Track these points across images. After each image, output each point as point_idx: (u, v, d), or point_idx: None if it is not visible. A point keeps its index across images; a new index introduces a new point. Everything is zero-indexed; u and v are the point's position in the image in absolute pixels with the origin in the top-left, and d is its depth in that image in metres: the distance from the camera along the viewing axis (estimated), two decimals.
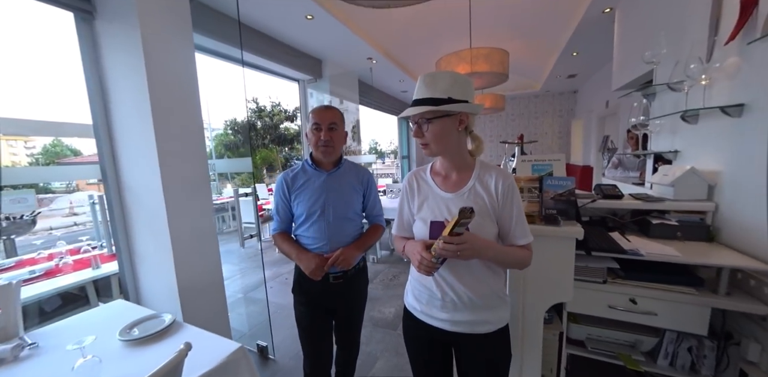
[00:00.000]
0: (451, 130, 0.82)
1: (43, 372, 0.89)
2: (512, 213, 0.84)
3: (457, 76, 0.81)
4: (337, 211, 1.17)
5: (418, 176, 0.97)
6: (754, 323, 1.11)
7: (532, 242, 0.86)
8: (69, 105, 16.46)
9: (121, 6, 1.52)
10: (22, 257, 2.07)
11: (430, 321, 0.91)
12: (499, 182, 0.84)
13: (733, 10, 1.18)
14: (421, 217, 0.89)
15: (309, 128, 1.18)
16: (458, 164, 0.89)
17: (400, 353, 1.89)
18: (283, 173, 1.24)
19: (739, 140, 1.21)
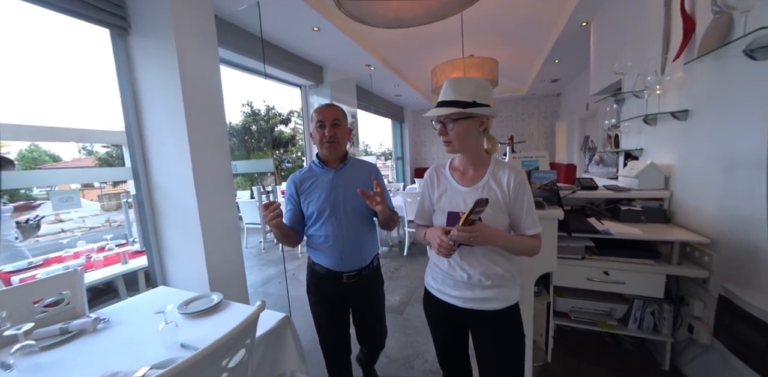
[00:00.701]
0: (472, 130, 0.90)
1: (133, 335, 1.08)
2: (523, 206, 0.91)
3: (482, 82, 0.90)
4: (348, 206, 1.17)
5: (438, 171, 1.05)
6: (698, 285, 1.38)
7: (540, 232, 0.93)
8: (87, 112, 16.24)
9: (156, 24, 1.70)
10: (49, 256, 2.19)
11: (444, 298, 1.00)
12: (511, 178, 0.91)
13: (679, 33, 1.45)
14: (440, 207, 0.98)
15: (313, 127, 1.18)
16: (475, 161, 0.96)
17: (408, 333, 2.10)
18: (293, 175, 1.24)
19: (686, 139, 1.49)
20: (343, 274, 1.18)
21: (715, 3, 1.22)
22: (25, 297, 1.14)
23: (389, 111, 6.44)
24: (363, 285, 1.22)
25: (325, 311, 1.25)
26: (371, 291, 1.27)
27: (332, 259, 1.18)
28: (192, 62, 1.76)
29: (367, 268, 1.22)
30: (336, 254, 1.17)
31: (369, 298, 1.27)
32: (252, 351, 0.87)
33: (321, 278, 1.21)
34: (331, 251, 1.17)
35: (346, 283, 1.19)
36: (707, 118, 1.35)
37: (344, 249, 1.17)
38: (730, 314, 1.21)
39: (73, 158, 18.04)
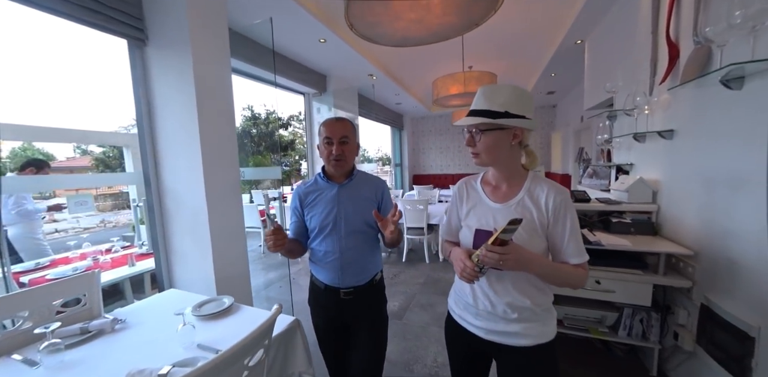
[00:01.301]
0: (503, 143, 0.82)
1: (150, 335, 1.13)
2: (565, 230, 0.80)
3: (518, 90, 0.80)
4: (349, 224, 1.13)
5: (468, 184, 0.98)
6: (682, 295, 1.47)
7: (587, 261, 0.81)
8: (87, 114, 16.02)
9: (174, 36, 1.78)
10: (55, 257, 2.23)
11: (466, 326, 0.92)
12: (551, 196, 0.81)
13: (665, 58, 1.57)
14: (468, 224, 0.91)
15: (320, 141, 1.14)
16: (509, 176, 0.88)
17: (408, 338, 2.16)
18: (297, 187, 1.22)
19: (671, 156, 1.59)
20: (341, 290, 1.14)
21: (696, 34, 1.33)
22: (46, 298, 1.19)
23: (389, 118, 6.56)
24: (361, 302, 1.17)
25: (323, 325, 1.23)
26: (370, 310, 1.20)
27: (331, 275, 1.15)
28: (206, 73, 1.84)
29: (367, 285, 1.17)
30: (335, 270, 1.14)
31: (367, 317, 1.19)
32: (268, 352, 0.93)
33: (319, 292, 1.19)
34: (330, 266, 1.14)
35: (344, 299, 1.15)
36: (690, 138, 1.45)
37: (343, 266, 1.13)
38: (710, 322, 1.29)
39: (67, 157, 17.88)
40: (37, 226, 2.42)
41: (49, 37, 16.28)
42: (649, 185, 1.73)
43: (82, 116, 14.98)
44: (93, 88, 21.09)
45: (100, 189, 15.85)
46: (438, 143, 7.92)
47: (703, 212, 1.37)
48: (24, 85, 14.98)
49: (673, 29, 1.52)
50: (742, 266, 1.16)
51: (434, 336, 2.15)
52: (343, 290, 1.14)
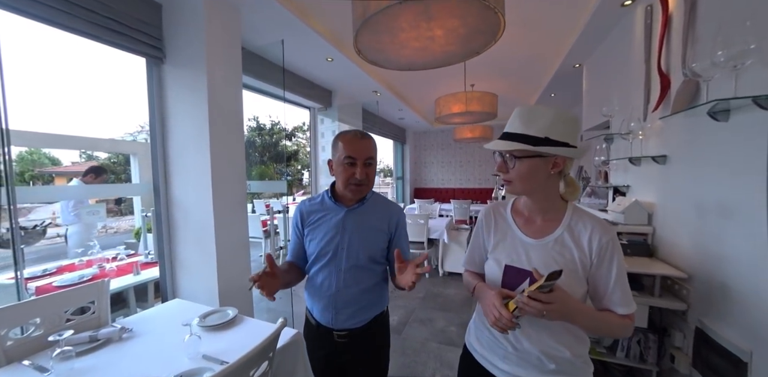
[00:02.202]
0: (540, 172, 0.72)
1: (156, 345, 1.16)
2: (610, 275, 0.71)
3: (561, 114, 0.71)
4: (351, 257, 0.98)
5: (496, 212, 0.87)
6: (678, 317, 1.49)
7: (634, 312, 0.73)
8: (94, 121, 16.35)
9: (190, 55, 1.89)
10: (62, 263, 2.27)
11: (489, 368, 0.82)
12: (596, 236, 0.72)
13: (657, 86, 1.65)
14: (495, 258, 0.82)
15: (338, 159, 0.96)
16: (545, 208, 0.78)
17: (407, 353, 2.16)
18: (302, 202, 1.08)
19: (664, 181, 1.65)
20: (333, 332, 1.01)
21: (685, 67, 1.42)
22: (57, 306, 1.23)
23: (392, 132, 6.70)
24: (358, 346, 1.02)
25: (317, 365, 1.09)
26: (369, 355, 1.05)
27: (324, 313, 1.01)
28: (219, 90, 1.93)
29: (366, 327, 1.01)
30: (328, 309, 1.00)
31: (365, 362, 1.05)
32: (273, 364, 0.96)
33: (312, 329, 1.06)
34: (324, 302, 1.00)
35: (338, 342, 1.01)
36: (681, 165, 1.51)
37: (337, 306, 0.99)
38: (705, 345, 1.31)
39: (72, 162, 18.07)
40: (92, 227, 2.81)
41: (58, 49, 17.11)
42: (645, 207, 1.78)
43: (88, 123, 15.37)
44: (99, 97, 21.81)
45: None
46: (440, 157, 8.03)
47: (695, 236, 1.41)
48: (31, 92, 15.43)
49: (664, 61, 1.61)
50: (734, 291, 1.19)
51: (433, 352, 2.15)
52: (336, 332, 1.00)
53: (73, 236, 2.67)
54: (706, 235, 1.34)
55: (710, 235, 1.32)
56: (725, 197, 1.23)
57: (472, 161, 7.67)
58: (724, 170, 1.24)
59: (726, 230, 1.23)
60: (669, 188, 1.62)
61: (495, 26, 1.21)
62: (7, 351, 1.07)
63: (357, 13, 1.14)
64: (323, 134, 4.27)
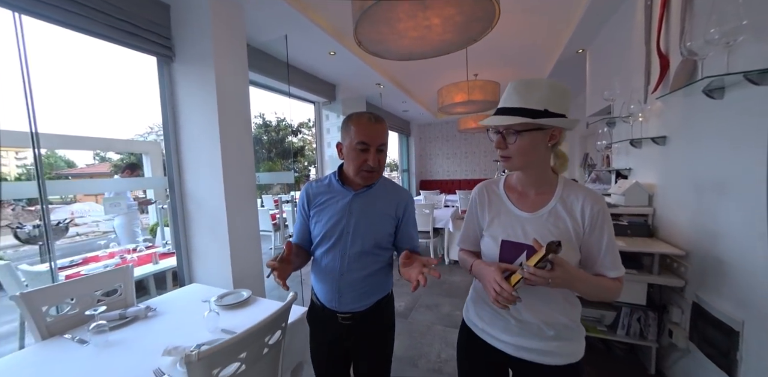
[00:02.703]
0: (540, 145, 0.73)
1: (179, 321, 1.27)
2: (602, 241, 0.74)
3: (556, 85, 0.72)
4: (356, 242, 0.96)
5: (489, 189, 0.89)
6: (676, 293, 1.53)
7: (623, 275, 0.76)
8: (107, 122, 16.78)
9: (198, 53, 1.96)
10: (87, 255, 2.41)
11: (491, 341, 0.84)
12: (588, 205, 0.74)
13: (657, 67, 1.66)
14: (491, 234, 0.83)
15: (349, 144, 0.93)
16: (538, 181, 0.80)
17: (413, 336, 2.24)
18: (308, 183, 1.07)
19: (664, 161, 1.67)
20: (337, 314, 1.00)
21: (682, 47, 1.43)
22: (89, 287, 1.34)
23: (396, 125, 6.72)
24: (363, 329, 1.02)
25: (321, 348, 1.08)
26: (373, 338, 1.04)
27: (329, 294, 1.01)
28: (227, 86, 2.01)
29: (370, 310, 1.01)
30: (332, 291, 0.99)
31: (369, 345, 1.04)
32: (285, 334, 1.04)
33: (317, 311, 1.05)
34: (329, 283, 1.00)
35: (342, 324, 1.01)
36: (680, 144, 1.53)
37: (341, 289, 0.98)
38: (702, 319, 1.35)
39: (86, 164, 18.51)
40: (134, 217, 3.13)
41: (66, 52, 17.41)
42: (645, 188, 1.80)
43: (99, 125, 15.87)
44: (109, 99, 22.37)
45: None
46: (445, 149, 8.02)
47: (692, 214, 1.44)
48: (45, 95, 15.87)
49: (663, 41, 1.61)
50: (727, 265, 1.23)
51: (438, 335, 2.23)
52: (340, 314, 1.00)
53: (119, 227, 3.10)
54: (703, 212, 1.37)
55: (707, 212, 1.34)
56: (721, 174, 1.26)
57: (477, 152, 7.65)
58: (720, 148, 1.26)
59: (721, 206, 1.26)
60: (669, 168, 1.64)
61: (491, 13, 1.25)
62: (49, 327, 1.18)
63: (356, 5, 1.19)
64: (329, 130, 4.33)
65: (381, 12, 1.25)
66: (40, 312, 1.18)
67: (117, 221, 3.11)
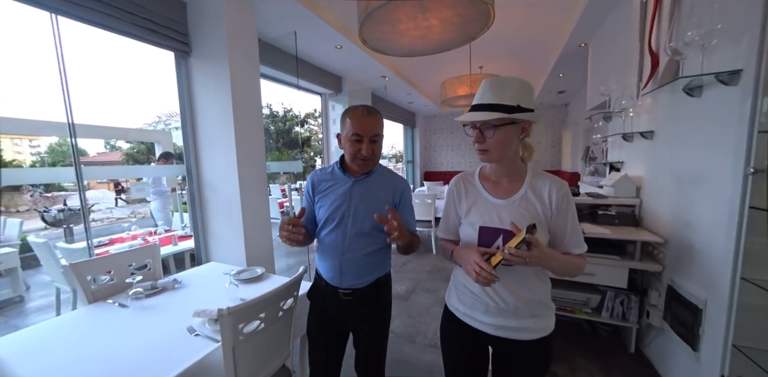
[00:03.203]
0: (513, 137, 0.81)
1: (202, 291, 1.44)
2: (566, 222, 0.82)
3: (525, 83, 0.80)
4: (356, 224, 1.04)
5: (465, 181, 0.95)
6: (655, 278, 1.65)
7: (585, 251, 0.84)
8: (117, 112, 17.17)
9: (213, 48, 2.08)
10: (112, 237, 2.61)
11: (472, 323, 0.91)
12: (554, 191, 0.82)
13: (649, 65, 1.73)
14: (470, 221, 0.89)
15: (346, 135, 1.01)
16: (510, 171, 0.88)
17: (412, 316, 2.41)
18: (313, 172, 1.15)
19: (651, 155, 1.76)
20: (339, 290, 1.07)
21: (667, 47, 1.51)
22: (124, 261, 1.52)
23: (402, 117, 6.78)
24: (362, 305, 1.09)
25: (320, 325, 1.14)
26: (370, 313, 1.11)
27: (331, 272, 1.08)
28: (240, 79, 2.13)
29: (369, 288, 1.08)
30: (334, 269, 1.07)
31: (367, 320, 1.11)
32: (297, 302, 1.20)
33: (320, 288, 1.12)
34: (331, 261, 1.08)
35: (344, 300, 1.07)
36: (665, 139, 1.62)
37: (342, 266, 1.06)
38: (675, 300, 1.48)
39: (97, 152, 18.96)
40: (168, 202, 3.39)
41: (75, 44, 17.88)
42: (634, 181, 1.90)
43: (110, 114, 16.16)
44: (120, 89, 22.76)
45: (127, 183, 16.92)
46: (449, 140, 8.07)
47: (672, 204, 1.55)
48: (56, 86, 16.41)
49: (655, 40, 1.68)
50: (696, 251, 1.34)
51: (436, 315, 2.39)
52: (342, 290, 1.07)
53: (156, 210, 3.33)
54: (680, 203, 1.48)
55: (684, 203, 1.45)
56: (696, 168, 1.36)
57: None
58: (696, 142, 1.36)
59: (695, 198, 1.36)
60: (655, 161, 1.74)
61: (486, 15, 1.34)
62: (94, 293, 1.36)
63: (361, 7, 1.30)
64: (335, 121, 4.44)
65: (383, 14, 1.35)
66: (86, 280, 1.36)
67: (153, 204, 3.39)
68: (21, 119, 3.23)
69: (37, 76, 17.01)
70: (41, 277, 3.97)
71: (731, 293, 1.11)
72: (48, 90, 10.05)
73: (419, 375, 1.74)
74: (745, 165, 1.03)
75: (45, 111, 1.29)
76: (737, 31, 1.06)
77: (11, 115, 2.08)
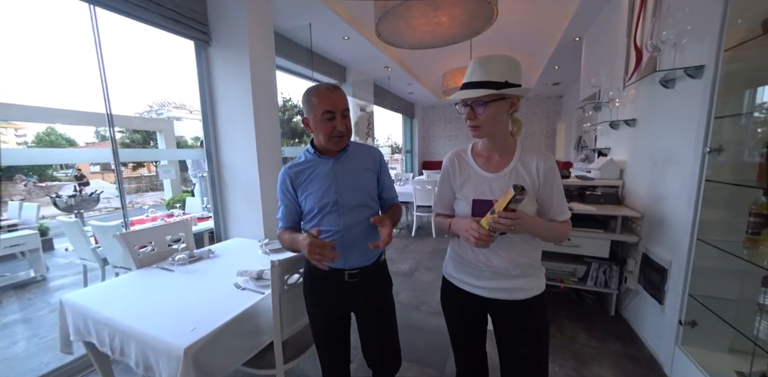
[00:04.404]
0: (503, 113, 0.84)
1: (235, 259, 1.63)
2: (553, 192, 0.88)
3: (512, 59, 0.82)
4: (351, 198, 1.03)
5: (458, 157, 0.99)
6: (632, 248, 1.89)
7: (569, 218, 0.90)
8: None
9: (234, 38, 2.21)
10: (133, 219, 2.77)
11: (467, 288, 0.97)
12: (541, 163, 0.88)
13: (634, 59, 1.92)
14: (464, 196, 0.93)
15: (315, 116, 0.97)
16: (500, 146, 0.92)
17: (416, 289, 2.64)
18: (284, 167, 1.08)
19: (633, 141, 1.97)
20: (345, 272, 1.04)
21: (648, 43, 1.69)
22: (163, 233, 1.70)
23: (402, 107, 6.91)
24: (366, 285, 1.07)
25: (323, 315, 1.10)
26: (376, 292, 1.11)
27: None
28: (259, 68, 2.27)
29: (372, 266, 1.07)
30: (338, 250, 1.00)
31: (374, 300, 1.10)
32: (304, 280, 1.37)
33: (320, 277, 1.07)
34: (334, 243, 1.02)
35: (348, 282, 1.05)
36: (645, 125, 1.83)
37: (346, 245, 1.02)
38: (647, 266, 1.71)
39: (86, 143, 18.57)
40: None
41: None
42: (618, 164, 2.11)
43: (98, 102, 15.94)
44: (111, 76, 22.39)
45: (126, 173, 16.77)
46: (447, 131, 8.25)
47: (648, 183, 1.76)
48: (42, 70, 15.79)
49: (640, 36, 1.87)
50: (665, 221, 1.57)
51: (437, 289, 2.59)
52: (348, 271, 1.04)
53: (199, 193, 3.55)
54: (654, 181, 1.70)
55: (657, 181, 1.67)
56: (668, 149, 1.57)
57: None
58: (669, 127, 1.56)
59: (666, 176, 1.58)
60: (636, 146, 1.95)
61: (490, 13, 1.51)
62: (141, 260, 1.54)
63: (379, 5, 1.45)
64: None
65: (400, 11, 1.51)
66: (134, 248, 1.53)
67: (198, 187, 3.77)
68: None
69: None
70: (56, 260, 4.12)
71: (689, 252, 1.34)
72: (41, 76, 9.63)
73: (426, 337, 1.97)
74: (704, 145, 1.24)
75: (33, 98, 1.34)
76: (702, 31, 1.25)
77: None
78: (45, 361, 1.82)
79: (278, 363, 1.17)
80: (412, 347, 1.85)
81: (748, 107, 1.16)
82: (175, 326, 1.02)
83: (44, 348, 1.98)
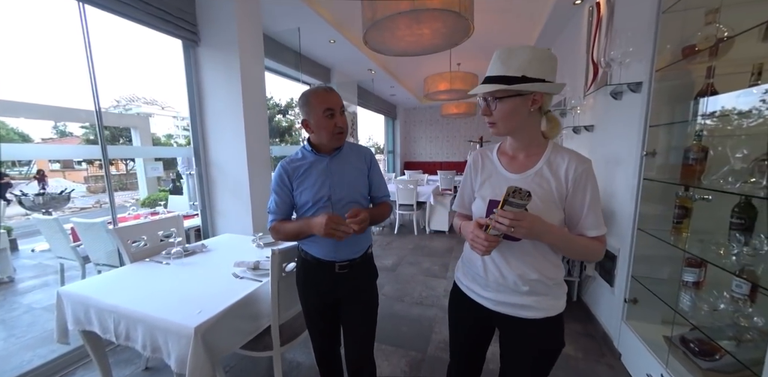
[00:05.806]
0: (521, 109, 0.77)
1: (228, 253, 1.70)
2: (584, 201, 0.78)
3: (537, 51, 0.74)
4: (344, 194, 1.10)
5: (483, 154, 0.94)
6: None
7: (605, 234, 0.79)
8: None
9: (222, 38, 2.27)
10: (118, 216, 2.73)
11: (474, 297, 0.92)
12: (572, 166, 0.78)
13: (591, 72, 2.17)
14: (482, 195, 0.88)
15: (316, 115, 1.04)
16: (527, 145, 0.85)
17: (399, 282, 2.79)
18: (282, 161, 1.14)
19: (592, 144, 2.22)
20: (336, 264, 1.10)
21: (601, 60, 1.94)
22: (154, 228, 1.74)
23: (384, 109, 7.07)
24: (355, 276, 1.15)
25: (315, 302, 1.18)
26: (363, 283, 1.18)
27: (326, 249, 1.11)
28: (248, 69, 2.34)
29: (360, 258, 1.15)
30: (329, 243, 1.09)
31: (360, 290, 1.17)
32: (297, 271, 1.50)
33: (311, 268, 1.14)
34: (325, 240, 1.07)
35: (338, 273, 1.11)
36: (600, 131, 2.08)
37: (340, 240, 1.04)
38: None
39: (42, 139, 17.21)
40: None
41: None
42: None
43: (58, 95, 14.67)
44: (71, 68, 20.83)
45: (91, 171, 15.79)
46: (428, 132, 8.49)
47: (603, 182, 2.01)
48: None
49: (596, 53, 2.12)
50: (615, 214, 1.81)
51: (420, 281, 2.79)
52: (339, 263, 1.11)
53: (190, 190, 3.42)
54: (607, 180, 1.94)
55: (609, 179, 1.91)
56: (617, 152, 1.81)
57: (458, 136, 8.19)
58: (618, 133, 1.80)
59: (615, 175, 1.82)
60: (594, 149, 2.20)
61: (467, 27, 1.68)
62: (134, 254, 1.59)
63: (367, 15, 1.59)
64: None
65: (386, 23, 1.65)
66: (128, 242, 1.58)
67: (189, 184, 3.74)
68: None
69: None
70: (21, 261, 3.93)
71: (632, 240, 1.57)
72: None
73: (410, 324, 2.12)
74: (642, 149, 1.47)
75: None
76: (640, 53, 1.48)
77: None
78: (27, 359, 1.81)
79: (275, 345, 1.28)
80: (396, 332, 2.00)
81: (674, 117, 1.40)
82: (182, 309, 1.10)
83: (24, 347, 1.95)
